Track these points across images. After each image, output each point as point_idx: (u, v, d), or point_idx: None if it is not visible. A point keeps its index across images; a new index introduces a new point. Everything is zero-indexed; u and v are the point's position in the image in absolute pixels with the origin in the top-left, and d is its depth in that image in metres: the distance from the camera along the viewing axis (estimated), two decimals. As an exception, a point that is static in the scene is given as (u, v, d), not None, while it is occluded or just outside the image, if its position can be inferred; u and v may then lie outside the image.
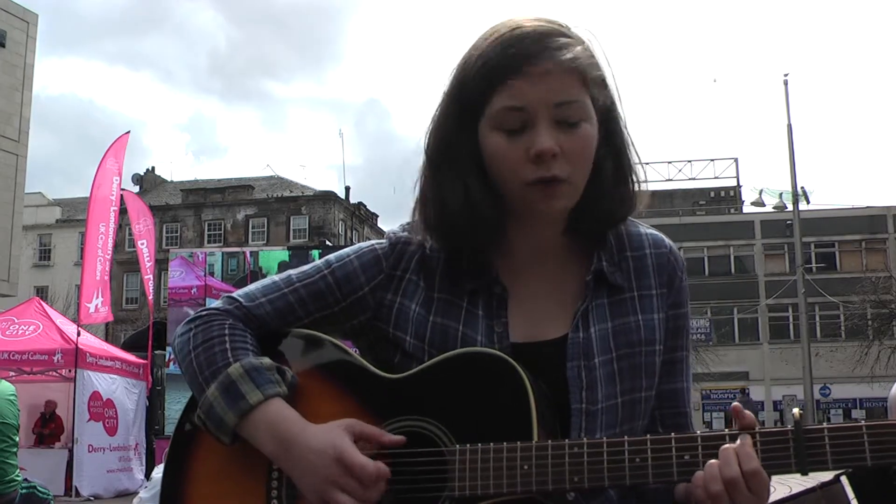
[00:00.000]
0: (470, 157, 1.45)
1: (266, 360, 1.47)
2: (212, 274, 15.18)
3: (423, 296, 1.52)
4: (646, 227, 1.58)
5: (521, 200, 1.44)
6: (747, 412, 1.31)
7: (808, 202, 36.60)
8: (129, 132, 17.47)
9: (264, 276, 1.67)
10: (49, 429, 15.11)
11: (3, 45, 30.96)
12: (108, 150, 16.77)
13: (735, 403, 1.34)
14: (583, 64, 1.44)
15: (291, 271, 1.59)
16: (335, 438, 1.37)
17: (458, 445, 1.36)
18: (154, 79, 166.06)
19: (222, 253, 16.02)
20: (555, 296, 1.52)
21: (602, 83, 1.48)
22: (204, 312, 1.55)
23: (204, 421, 1.45)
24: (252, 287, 1.59)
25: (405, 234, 1.57)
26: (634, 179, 1.53)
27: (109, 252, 16.56)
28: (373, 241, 1.59)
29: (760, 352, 45.15)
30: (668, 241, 1.59)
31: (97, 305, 16.14)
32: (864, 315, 37.19)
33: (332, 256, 1.59)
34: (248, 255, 15.53)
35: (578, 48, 1.44)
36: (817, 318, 43.03)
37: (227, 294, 1.59)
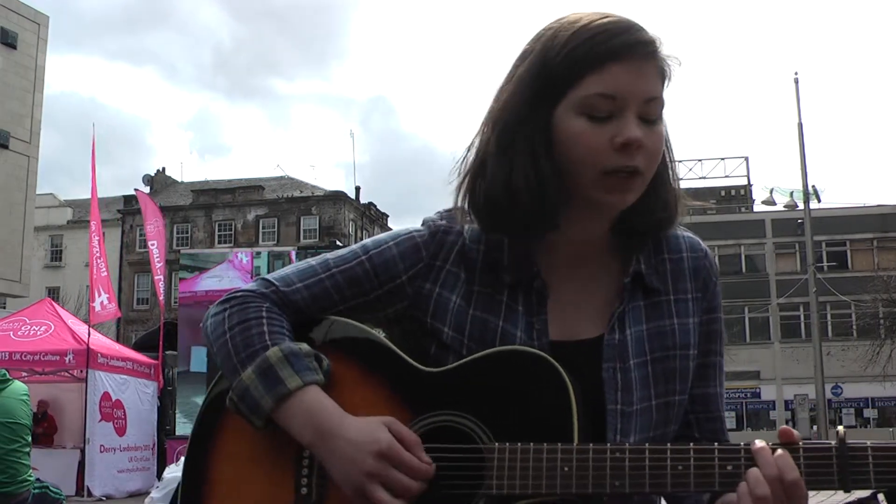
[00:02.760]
0: (542, 138, 1.43)
1: (304, 346, 1.45)
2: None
3: (464, 289, 1.50)
4: (682, 230, 1.57)
5: (592, 189, 1.42)
6: (794, 431, 1.31)
7: (819, 201, 36.58)
8: (93, 124, 17.39)
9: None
10: (41, 428, 15.13)
11: (15, 47, 31.10)
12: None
13: (784, 427, 1.33)
14: (666, 66, 1.45)
15: (328, 255, 1.57)
16: (378, 432, 1.36)
17: (496, 443, 1.35)
18: (156, 77, 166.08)
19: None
20: (591, 295, 1.51)
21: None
22: (238, 294, 1.53)
23: (237, 404, 1.43)
24: (288, 270, 1.56)
25: (444, 222, 1.54)
26: (677, 184, 1.53)
27: (101, 249, 16.49)
28: (410, 228, 1.56)
29: (772, 351, 45.02)
30: (703, 244, 1.58)
31: (102, 302, 16.19)
32: (876, 314, 37.10)
33: (368, 242, 1.57)
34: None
35: (664, 51, 1.45)
36: (829, 317, 42.88)
37: (262, 277, 1.57)
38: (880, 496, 1.34)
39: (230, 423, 1.47)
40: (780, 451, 1.28)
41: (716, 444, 1.31)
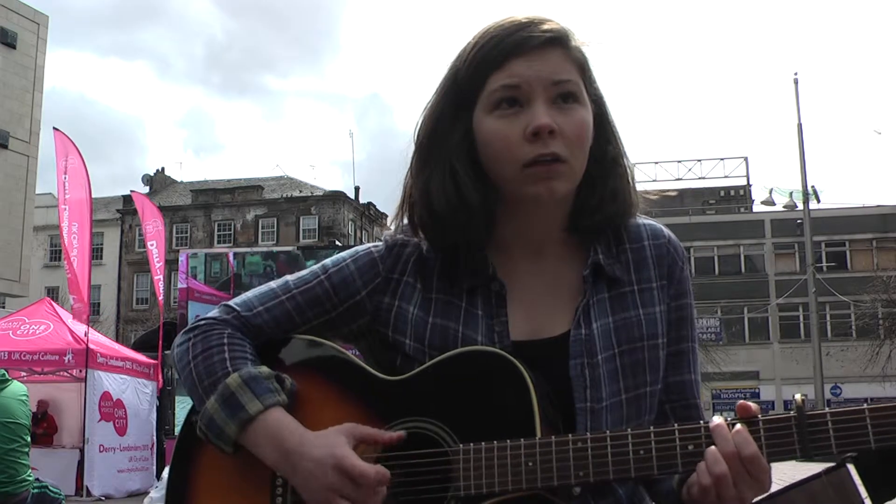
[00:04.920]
0: (461, 146, 1.45)
1: (264, 369, 1.46)
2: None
3: (421, 297, 1.51)
4: (643, 219, 1.57)
5: (518, 186, 1.42)
6: (752, 405, 1.31)
7: (818, 201, 36.47)
8: (53, 127, 17.19)
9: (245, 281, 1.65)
10: (41, 428, 15.12)
11: (14, 47, 31.07)
12: (62, 152, 16.58)
13: (741, 402, 1.33)
14: (579, 52, 1.46)
15: (289, 277, 1.59)
16: (333, 446, 1.36)
17: (461, 445, 1.36)
18: (148, 73, 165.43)
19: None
20: (554, 292, 1.51)
21: (595, 83, 1.49)
22: (202, 322, 1.55)
23: (205, 432, 1.45)
24: (249, 295, 1.58)
25: (402, 236, 1.56)
26: (632, 180, 1.53)
27: (84, 249, 16.36)
28: (369, 245, 1.59)
29: (771, 351, 45.01)
30: (666, 231, 1.58)
31: (74, 302, 16.16)
32: (875, 314, 37.07)
33: (328, 261, 1.59)
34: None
35: (575, 39, 1.47)
36: (828, 318, 42.87)
37: (224, 303, 1.59)
38: (850, 465, 1.34)
39: (205, 450, 1.48)
40: (737, 426, 1.28)
41: (675, 425, 1.31)
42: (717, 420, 1.30)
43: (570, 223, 1.51)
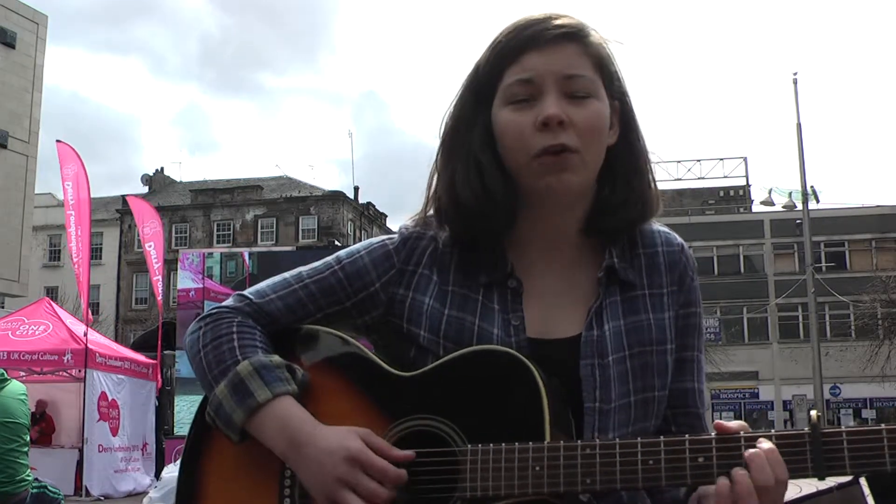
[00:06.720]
0: (483, 139, 1.47)
1: (276, 358, 1.46)
2: (210, 276, 14.88)
3: (437, 290, 1.51)
4: (657, 225, 1.57)
5: (531, 177, 1.44)
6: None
7: (817, 201, 36.54)
8: (45, 138, 17.32)
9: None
10: (40, 427, 15.11)
11: (14, 47, 31.04)
12: (65, 161, 16.63)
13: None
14: (596, 48, 1.47)
15: (302, 268, 1.59)
16: (348, 440, 1.37)
17: (469, 445, 1.35)
18: (143, 70, 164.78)
19: (220, 255, 15.68)
20: (567, 292, 1.51)
21: (616, 77, 1.50)
22: (214, 310, 1.55)
23: (213, 419, 1.45)
24: (262, 284, 1.59)
25: (417, 228, 1.57)
26: (653, 181, 1.53)
27: (81, 254, 16.37)
28: (383, 237, 1.59)
29: (770, 351, 44.99)
30: (679, 239, 1.59)
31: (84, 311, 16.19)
32: (875, 314, 37.08)
33: (342, 252, 1.59)
34: (245, 256, 15.25)
35: (593, 35, 1.48)
36: (827, 318, 42.83)
37: (237, 292, 1.59)
38: (862, 480, 1.32)
39: (217, 438, 1.48)
40: (762, 444, 1.25)
41: (686, 436, 1.30)
42: (766, 445, 1.26)
43: (588, 225, 1.51)
